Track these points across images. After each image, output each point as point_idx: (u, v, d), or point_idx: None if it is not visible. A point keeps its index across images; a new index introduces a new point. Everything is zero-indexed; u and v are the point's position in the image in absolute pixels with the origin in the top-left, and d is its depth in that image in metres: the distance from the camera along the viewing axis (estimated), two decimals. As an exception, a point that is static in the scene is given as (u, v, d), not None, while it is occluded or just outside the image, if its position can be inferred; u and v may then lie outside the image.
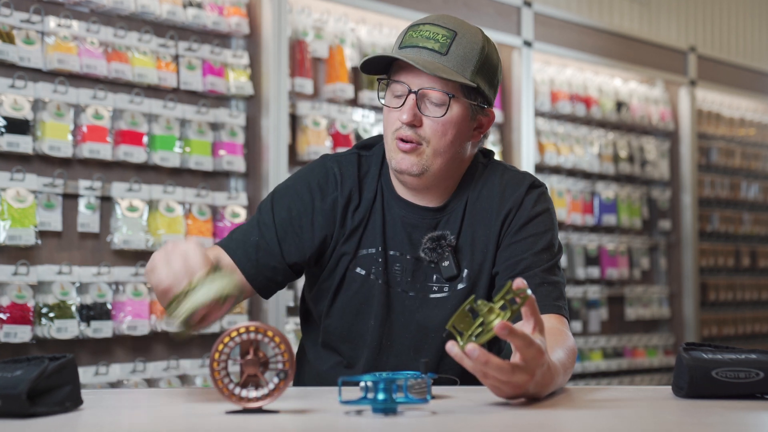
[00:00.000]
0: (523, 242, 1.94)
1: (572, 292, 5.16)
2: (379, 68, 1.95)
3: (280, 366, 1.47)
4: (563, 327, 1.85)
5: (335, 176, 2.00)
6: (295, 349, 1.84)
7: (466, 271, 1.97)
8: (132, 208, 3.41)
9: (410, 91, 1.89)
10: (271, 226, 1.98)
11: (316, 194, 1.99)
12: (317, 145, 3.90)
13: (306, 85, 3.93)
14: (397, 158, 1.92)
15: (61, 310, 3.19)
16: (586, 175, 5.35)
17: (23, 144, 3.16)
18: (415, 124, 1.89)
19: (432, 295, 1.97)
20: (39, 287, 3.18)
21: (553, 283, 1.92)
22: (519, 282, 1.49)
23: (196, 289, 1.62)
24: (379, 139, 2.07)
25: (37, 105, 3.22)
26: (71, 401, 1.52)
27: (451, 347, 1.45)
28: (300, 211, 1.99)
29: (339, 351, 2.04)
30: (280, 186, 2.05)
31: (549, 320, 1.81)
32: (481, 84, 1.92)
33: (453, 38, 1.89)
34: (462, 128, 1.93)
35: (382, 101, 1.94)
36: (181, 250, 1.67)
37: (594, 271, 5.28)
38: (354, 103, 4.15)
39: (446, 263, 1.95)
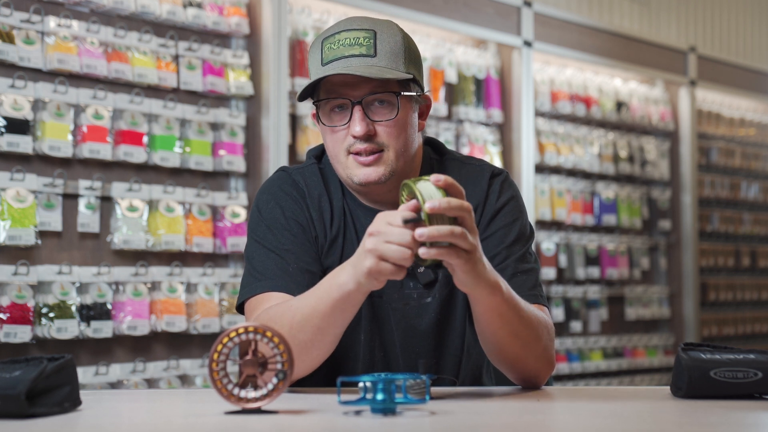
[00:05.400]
0: (493, 237, 1.91)
1: (572, 292, 5.16)
2: (308, 92, 1.90)
3: (279, 366, 1.48)
4: (542, 313, 1.84)
5: (303, 188, 1.96)
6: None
7: (440, 273, 1.91)
8: (132, 208, 3.41)
9: (354, 103, 1.85)
10: (291, 247, 1.90)
11: (299, 202, 1.95)
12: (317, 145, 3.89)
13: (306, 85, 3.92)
14: (359, 174, 1.87)
15: (61, 310, 3.19)
16: (586, 175, 5.35)
17: (23, 144, 3.16)
18: (370, 134, 1.85)
19: (413, 303, 1.92)
20: (39, 287, 3.18)
21: (526, 271, 1.90)
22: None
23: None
24: (324, 149, 2.01)
25: (37, 105, 3.22)
26: (70, 402, 1.52)
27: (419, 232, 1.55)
28: (300, 219, 1.93)
29: (332, 368, 1.95)
30: (262, 212, 1.95)
31: None
32: (414, 73, 1.90)
33: (375, 37, 1.85)
34: (411, 121, 1.91)
35: (325, 124, 1.88)
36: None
37: (594, 271, 5.28)
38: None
39: (422, 269, 1.90)
